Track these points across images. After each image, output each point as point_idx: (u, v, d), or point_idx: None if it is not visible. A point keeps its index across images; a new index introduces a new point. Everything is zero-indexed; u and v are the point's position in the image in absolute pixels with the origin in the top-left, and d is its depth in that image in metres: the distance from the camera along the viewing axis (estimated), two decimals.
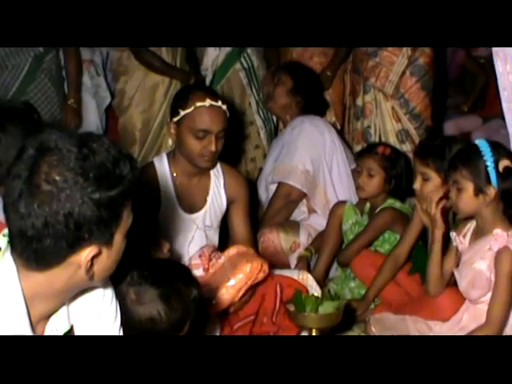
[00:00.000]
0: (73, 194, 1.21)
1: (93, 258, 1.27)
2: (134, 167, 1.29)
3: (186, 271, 1.83)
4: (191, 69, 4.03)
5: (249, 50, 4.12)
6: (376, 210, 3.10)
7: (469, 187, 2.31)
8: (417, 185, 2.71)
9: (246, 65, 4.13)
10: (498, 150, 2.30)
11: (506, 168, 2.26)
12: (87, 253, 1.26)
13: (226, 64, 4.11)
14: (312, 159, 3.41)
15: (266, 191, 3.56)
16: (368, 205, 3.17)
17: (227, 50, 4.07)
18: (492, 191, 2.28)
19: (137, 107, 3.88)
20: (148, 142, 3.90)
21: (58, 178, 1.21)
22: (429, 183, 2.67)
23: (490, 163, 2.26)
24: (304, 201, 3.49)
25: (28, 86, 3.62)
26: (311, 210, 3.47)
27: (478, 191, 2.29)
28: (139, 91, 3.85)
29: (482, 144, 2.31)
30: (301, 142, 3.42)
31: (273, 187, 3.50)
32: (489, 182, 2.27)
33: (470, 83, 5.58)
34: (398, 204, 3.11)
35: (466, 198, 2.32)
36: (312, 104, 3.61)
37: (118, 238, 1.30)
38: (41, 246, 1.22)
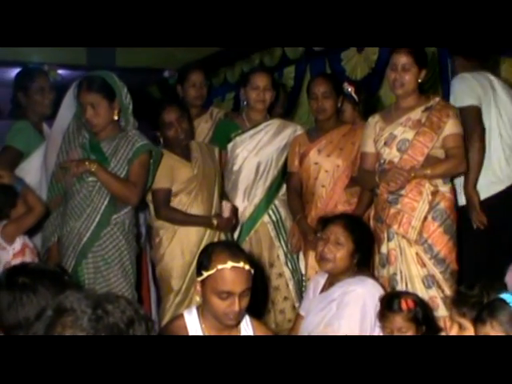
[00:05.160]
0: None
1: None
2: (150, 328, 1.32)
3: None
4: None
5: (276, 202, 4.21)
6: None
7: None
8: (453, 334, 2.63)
9: (274, 217, 4.20)
10: None
11: None
12: None
13: (254, 217, 4.19)
14: (361, 328, 3.18)
15: None
16: None
17: (255, 201, 4.17)
18: None
19: (171, 255, 3.90)
20: (182, 292, 3.89)
21: None
22: (464, 333, 2.60)
23: None
24: None
25: (99, 234, 3.61)
26: None
27: None
28: (173, 241, 3.89)
29: (507, 297, 2.29)
30: (352, 310, 3.19)
31: None
32: None
33: None
34: None
35: None
36: (367, 258, 3.42)
37: None
38: None
